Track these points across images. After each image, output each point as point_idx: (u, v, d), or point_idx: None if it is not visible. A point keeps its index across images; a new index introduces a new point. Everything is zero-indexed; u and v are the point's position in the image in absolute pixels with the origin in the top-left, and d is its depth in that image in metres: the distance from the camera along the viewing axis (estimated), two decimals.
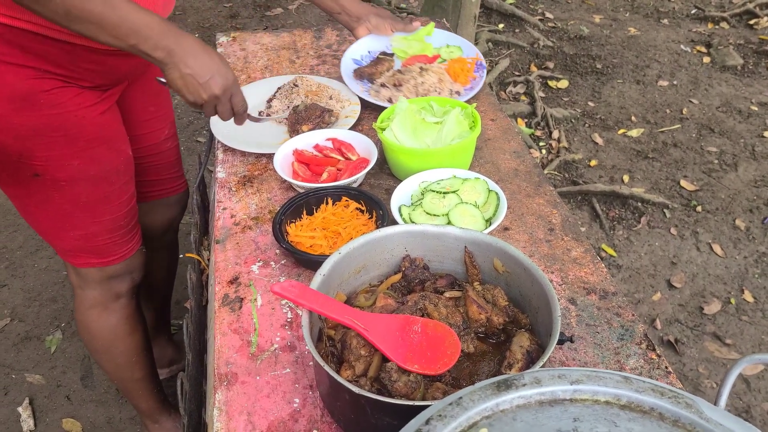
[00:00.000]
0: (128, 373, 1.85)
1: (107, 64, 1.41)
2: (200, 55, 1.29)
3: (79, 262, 1.60)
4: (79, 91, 1.40)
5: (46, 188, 1.44)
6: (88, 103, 1.42)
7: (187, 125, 3.90)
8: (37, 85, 1.32)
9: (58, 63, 1.33)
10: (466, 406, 0.63)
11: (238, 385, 1.10)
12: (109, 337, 1.76)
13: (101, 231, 1.55)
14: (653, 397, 0.63)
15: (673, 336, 2.59)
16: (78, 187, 1.46)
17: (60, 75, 1.35)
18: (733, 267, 2.92)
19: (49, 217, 1.50)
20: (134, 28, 1.20)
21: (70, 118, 1.38)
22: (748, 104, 4.10)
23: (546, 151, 3.72)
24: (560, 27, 5.07)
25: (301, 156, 1.60)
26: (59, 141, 1.38)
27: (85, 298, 1.69)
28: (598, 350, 1.15)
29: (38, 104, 1.33)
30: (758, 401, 2.34)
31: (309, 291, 1.00)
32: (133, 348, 1.81)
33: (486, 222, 1.36)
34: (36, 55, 1.30)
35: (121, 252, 1.62)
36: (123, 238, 1.61)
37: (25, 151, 1.36)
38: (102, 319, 1.72)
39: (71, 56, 1.33)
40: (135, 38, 1.20)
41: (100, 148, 1.46)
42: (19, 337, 2.55)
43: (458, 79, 1.86)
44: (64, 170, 1.42)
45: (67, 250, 1.58)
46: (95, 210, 1.51)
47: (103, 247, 1.58)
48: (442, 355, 0.97)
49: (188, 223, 3.02)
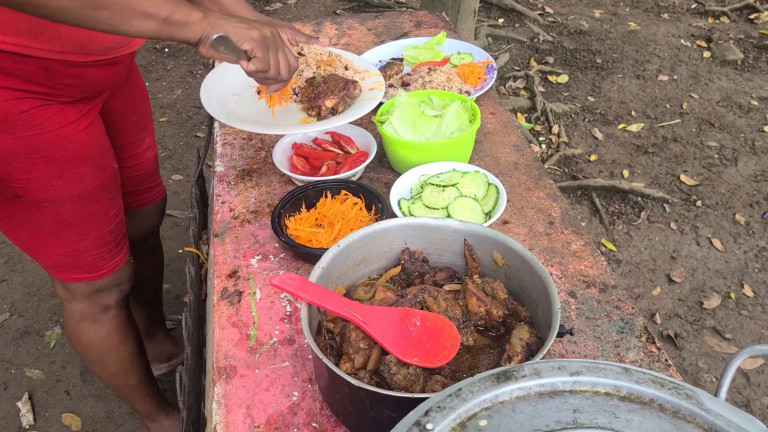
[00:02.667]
0: (123, 380, 1.83)
1: (86, 77, 1.33)
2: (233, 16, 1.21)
3: (66, 278, 1.55)
4: (59, 108, 1.32)
5: (28, 209, 1.38)
6: (70, 120, 1.34)
7: (186, 120, 3.89)
8: (13, 107, 1.24)
9: (35, 81, 1.25)
10: (465, 397, 0.63)
11: (237, 378, 1.09)
12: (101, 348, 1.72)
13: (88, 248, 1.49)
14: (653, 389, 0.63)
15: (672, 330, 2.59)
16: (61, 208, 1.40)
17: (38, 93, 1.28)
18: (733, 261, 2.92)
19: (33, 236, 1.45)
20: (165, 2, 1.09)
21: (50, 138, 1.31)
22: (748, 99, 4.09)
23: (546, 146, 3.71)
24: (560, 22, 5.06)
25: (300, 149, 1.59)
26: (38, 163, 1.32)
27: (73, 311, 1.65)
28: (598, 343, 1.15)
29: (15, 126, 1.26)
30: (758, 395, 2.34)
31: (308, 284, 0.99)
32: (125, 356, 1.78)
33: (486, 215, 1.35)
34: (11, 75, 1.22)
35: (109, 266, 1.57)
36: (110, 253, 1.56)
37: (3, 173, 1.30)
38: (92, 331, 1.68)
39: (48, 72, 1.26)
40: (167, 8, 1.09)
41: (84, 167, 1.40)
42: (19, 332, 2.54)
43: (468, 81, 1.85)
44: (46, 191, 1.36)
45: (53, 265, 1.53)
46: (81, 228, 1.46)
47: (91, 263, 1.53)
48: (442, 348, 0.97)
49: (187, 218, 3.02)
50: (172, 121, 3.89)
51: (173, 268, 2.71)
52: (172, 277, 2.69)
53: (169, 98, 4.11)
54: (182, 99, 4.11)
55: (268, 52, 1.24)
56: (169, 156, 3.58)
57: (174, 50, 4.62)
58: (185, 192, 3.28)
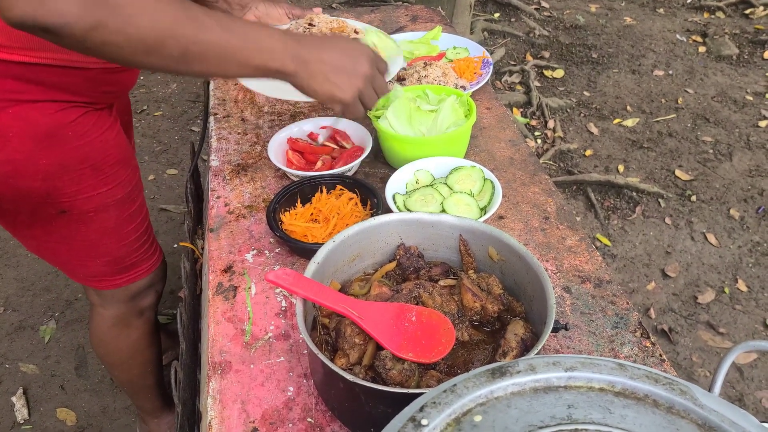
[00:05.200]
0: (141, 381, 1.84)
1: (122, 81, 1.35)
2: (327, 45, 1.14)
3: (104, 285, 1.55)
4: (98, 115, 1.33)
5: (71, 224, 1.38)
6: (107, 126, 1.36)
7: (181, 114, 3.88)
8: (62, 118, 1.24)
9: (79, 91, 1.26)
10: (460, 393, 0.63)
11: (232, 373, 1.09)
12: (129, 352, 1.73)
13: (128, 252, 1.51)
14: (647, 384, 0.63)
15: (666, 325, 2.60)
16: (105, 214, 1.41)
17: (81, 102, 1.28)
18: (727, 256, 2.93)
19: (73, 250, 1.44)
20: (259, 45, 1.05)
21: (96, 146, 1.32)
22: (743, 94, 4.10)
23: (541, 140, 3.72)
24: (556, 16, 5.06)
25: (296, 144, 1.59)
26: (87, 172, 1.32)
27: (107, 317, 1.64)
28: (593, 338, 1.15)
29: (65, 138, 1.26)
30: (751, 390, 2.35)
31: (303, 279, 0.99)
32: (150, 359, 1.79)
33: (481, 210, 1.35)
34: (57, 88, 1.22)
35: (146, 266, 1.59)
36: (147, 253, 1.58)
37: (52, 190, 1.29)
38: (123, 336, 1.68)
39: (91, 82, 1.26)
40: (261, 57, 1.06)
41: (123, 170, 1.42)
42: (13, 326, 2.54)
43: (464, 75, 1.85)
44: (92, 201, 1.36)
45: (92, 275, 1.52)
46: (122, 233, 1.47)
47: (130, 266, 1.54)
48: (437, 344, 0.97)
49: (182, 212, 3.02)
50: (166, 115, 3.88)
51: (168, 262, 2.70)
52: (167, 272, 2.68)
53: (164, 92, 4.10)
54: (177, 93, 4.09)
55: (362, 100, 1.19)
56: (164, 150, 3.57)
57: None
58: (180, 186, 3.27)
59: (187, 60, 0.99)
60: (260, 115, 1.79)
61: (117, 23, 0.89)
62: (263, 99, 1.86)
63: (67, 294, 2.67)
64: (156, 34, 0.93)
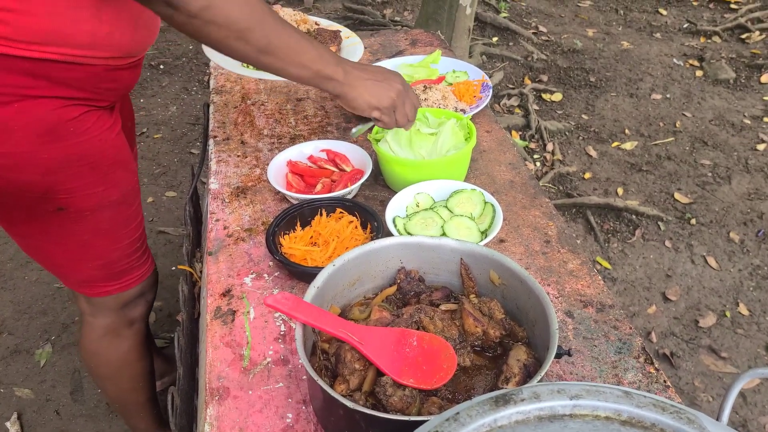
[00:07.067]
0: (132, 396, 1.81)
1: (122, 79, 1.36)
2: (367, 67, 1.34)
3: (96, 292, 1.55)
4: (99, 114, 1.35)
5: (67, 222, 1.38)
6: (107, 125, 1.37)
7: (181, 137, 3.89)
8: (64, 114, 1.26)
9: (83, 87, 1.27)
10: (463, 422, 0.61)
11: (230, 399, 1.08)
12: (118, 364, 1.71)
13: (120, 256, 1.51)
14: (654, 413, 0.62)
15: (668, 349, 2.58)
16: (100, 215, 1.41)
17: (83, 99, 1.29)
18: (728, 280, 2.92)
19: (68, 250, 1.44)
20: (319, 52, 1.23)
21: (95, 144, 1.33)
22: (740, 117, 4.12)
23: (540, 163, 3.72)
24: (554, 40, 5.10)
25: (295, 167, 1.59)
26: (85, 170, 1.33)
27: (96, 327, 1.63)
28: (596, 364, 1.13)
29: (66, 134, 1.27)
30: (755, 415, 2.32)
31: (303, 304, 0.98)
32: (140, 373, 1.77)
33: (482, 234, 1.34)
34: (62, 84, 1.23)
35: (138, 274, 1.58)
36: (140, 260, 1.57)
37: (51, 185, 1.30)
38: (113, 347, 1.67)
39: (95, 78, 1.28)
40: (321, 62, 1.23)
41: (121, 172, 1.42)
42: (8, 350, 2.51)
43: (463, 99, 1.86)
44: (89, 199, 1.37)
45: (83, 280, 1.52)
46: (116, 235, 1.47)
47: (121, 272, 1.54)
48: (438, 369, 0.96)
49: (180, 235, 3.00)
50: (166, 137, 3.88)
51: (166, 285, 2.69)
52: (165, 295, 2.67)
53: (163, 115, 4.11)
54: (177, 116, 4.11)
55: (395, 114, 1.38)
56: (163, 173, 3.57)
57: (169, 67, 4.63)
58: (179, 209, 3.26)
59: (267, 51, 1.16)
60: (260, 138, 1.79)
61: (223, 5, 1.08)
62: (263, 122, 1.86)
63: (64, 317, 2.65)
64: (248, 22, 1.12)
